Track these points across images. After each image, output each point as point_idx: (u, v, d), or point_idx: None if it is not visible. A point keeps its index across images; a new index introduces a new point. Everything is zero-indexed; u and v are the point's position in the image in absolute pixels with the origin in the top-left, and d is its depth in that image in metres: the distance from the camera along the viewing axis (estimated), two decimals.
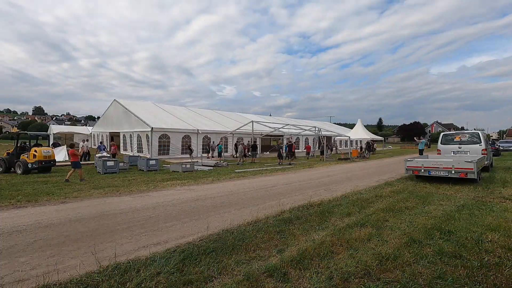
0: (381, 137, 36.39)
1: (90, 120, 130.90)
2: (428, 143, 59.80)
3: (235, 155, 18.15)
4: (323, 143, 23.09)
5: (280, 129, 25.44)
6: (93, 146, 27.91)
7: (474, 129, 23.60)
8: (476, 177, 8.53)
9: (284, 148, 20.73)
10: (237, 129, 22.93)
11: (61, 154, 17.29)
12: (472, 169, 8.34)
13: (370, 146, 26.69)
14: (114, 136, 27.78)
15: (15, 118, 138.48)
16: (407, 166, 9.69)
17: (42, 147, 12.58)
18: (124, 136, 23.78)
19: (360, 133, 29.56)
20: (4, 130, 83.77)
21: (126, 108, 23.14)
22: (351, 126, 35.76)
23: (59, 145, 18.24)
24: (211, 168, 15.17)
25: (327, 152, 22.71)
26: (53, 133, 35.06)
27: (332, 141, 25.56)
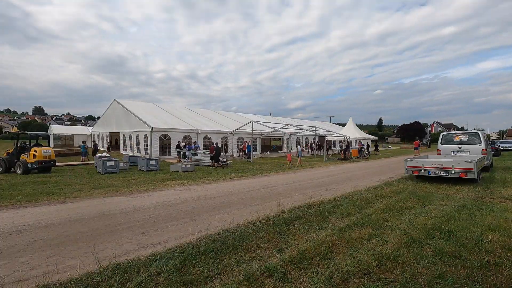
0: (373, 136, 35.12)
1: (90, 120, 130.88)
2: (428, 143, 59.77)
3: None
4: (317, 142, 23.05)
5: (280, 129, 25.45)
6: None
7: (474, 129, 23.59)
8: (476, 177, 8.53)
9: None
10: (237, 129, 22.93)
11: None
12: (472, 169, 8.34)
13: (366, 147, 26.77)
14: (113, 136, 27.78)
15: (15, 118, 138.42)
16: (407, 166, 9.69)
17: (42, 147, 12.58)
18: (124, 136, 23.78)
19: (351, 132, 28.98)
20: (4, 130, 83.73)
21: (126, 108, 23.13)
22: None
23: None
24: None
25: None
26: (53, 133, 35.06)
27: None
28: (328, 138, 28.36)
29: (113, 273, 3.11)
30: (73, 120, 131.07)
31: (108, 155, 15.63)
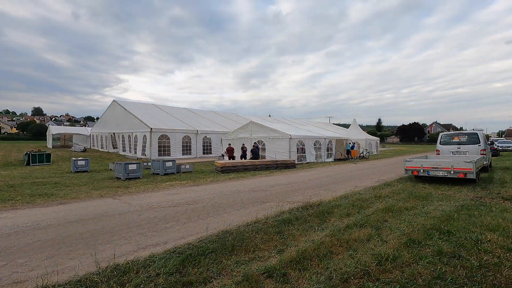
0: (375, 137, 35.16)
1: (89, 121, 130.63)
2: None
3: None
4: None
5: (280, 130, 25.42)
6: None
7: (473, 129, 23.64)
8: (475, 178, 8.54)
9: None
10: (236, 129, 22.90)
11: None
12: (471, 169, 8.35)
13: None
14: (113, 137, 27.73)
15: (14, 118, 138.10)
16: (406, 167, 9.69)
17: None
18: (123, 137, 23.76)
19: (354, 133, 29.06)
20: (3, 131, 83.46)
21: (125, 109, 23.13)
22: (348, 126, 35.21)
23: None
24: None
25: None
26: (52, 134, 34.99)
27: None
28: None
29: (112, 274, 3.10)
30: (72, 121, 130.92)
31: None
